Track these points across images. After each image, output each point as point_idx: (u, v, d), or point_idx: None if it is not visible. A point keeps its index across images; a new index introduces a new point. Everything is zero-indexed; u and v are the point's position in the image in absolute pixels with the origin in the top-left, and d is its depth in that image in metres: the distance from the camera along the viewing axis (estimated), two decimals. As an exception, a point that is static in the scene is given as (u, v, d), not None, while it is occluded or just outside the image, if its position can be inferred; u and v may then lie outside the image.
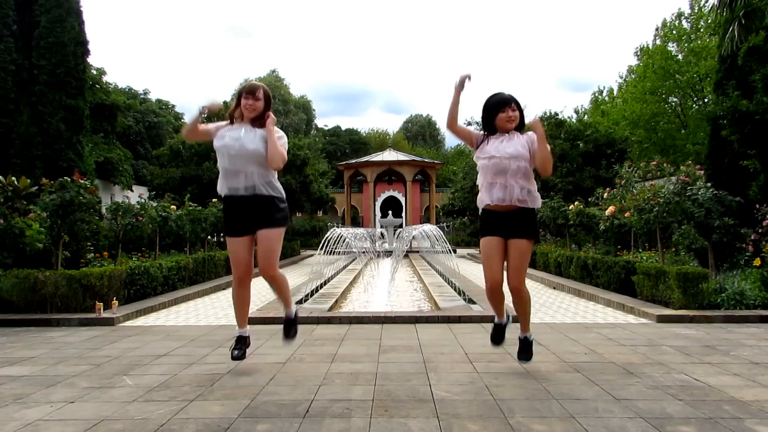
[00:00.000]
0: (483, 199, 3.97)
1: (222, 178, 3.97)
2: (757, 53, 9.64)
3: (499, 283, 3.95)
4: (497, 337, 4.27)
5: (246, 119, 3.96)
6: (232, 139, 3.88)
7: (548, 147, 3.90)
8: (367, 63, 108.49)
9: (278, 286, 4.14)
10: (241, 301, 4.14)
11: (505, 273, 3.95)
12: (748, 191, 9.41)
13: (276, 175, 4.06)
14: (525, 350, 4.07)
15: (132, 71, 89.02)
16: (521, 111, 3.98)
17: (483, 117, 4.02)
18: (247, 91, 3.93)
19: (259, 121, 3.95)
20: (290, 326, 4.27)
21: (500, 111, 3.92)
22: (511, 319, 4.28)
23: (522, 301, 3.99)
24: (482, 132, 4.07)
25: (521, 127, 3.99)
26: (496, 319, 4.28)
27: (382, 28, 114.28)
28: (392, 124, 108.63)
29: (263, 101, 3.95)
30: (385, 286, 9.73)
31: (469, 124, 31.57)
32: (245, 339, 4.16)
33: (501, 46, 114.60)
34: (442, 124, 68.82)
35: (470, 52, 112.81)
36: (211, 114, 4.03)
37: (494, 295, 4.03)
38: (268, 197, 3.93)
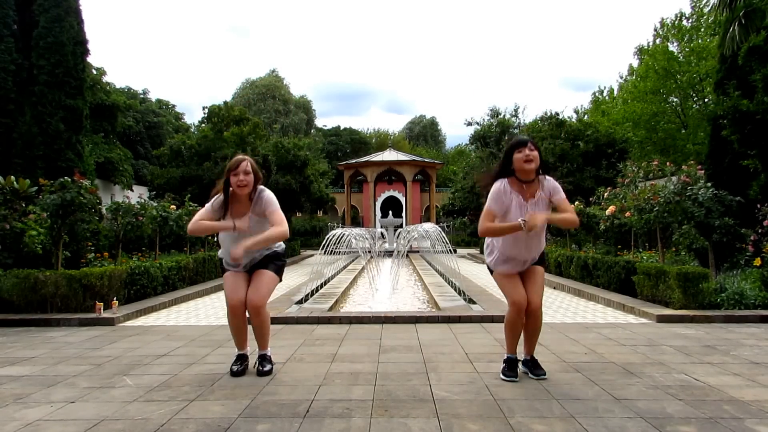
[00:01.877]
0: (502, 269, 3.87)
1: (225, 253, 4.09)
2: (757, 53, 9.64)
3: (525, 303, 3.79)
4: (513, 372, 3.92)
5: (240, 197, 3.97)
6: (237, 239, 3.91)
7: (566, 217, 3.72)
8: (369, 63, 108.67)
9: (261, 322, 4.04)
10: (238, 330, 4.12)
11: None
12: (748, 191, 9.40)
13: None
14: (537, 366, 3.95)
15: (132, 71, 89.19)
16: (539, 150, 3.76)
17: (502, 163, 3.80)
18: (234, 168, 3.91)
19: (251, 196, 3.98)
20: (264, 363, 4.11)
21: (516, 151, 3.69)
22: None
23: (538, 322, 3.89)
24: (503, 188, 3.74)
25: (541, 170, 3.77)
26: (508, 354, 3.95)
27: (384, 28, 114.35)
28: (393, 124, 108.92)
29: (252, 174, 3.94)
30: (387, 286, 9.73)
31: (470, 124, 31.57)
32: (247, 357, 4.18)
33: (503, 46, 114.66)
34: (443, 124, 68.74)
35: (473, 51, 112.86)
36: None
37: (519, 317, 3.81)
38: (270, 254, 4.11)
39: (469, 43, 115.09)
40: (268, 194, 4.01)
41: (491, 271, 4.01)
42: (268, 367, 4.09)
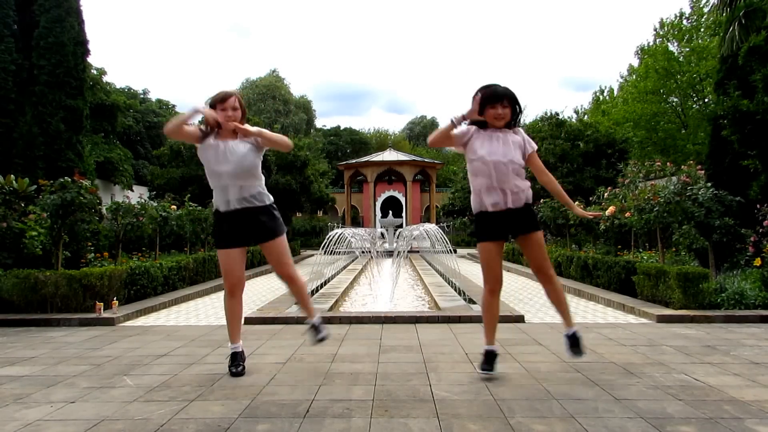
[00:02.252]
0: (477, 204, 3.87)
1: (217, 194, 3.94)
2: (757, 53, 9.64)
3: (500, 284, 3.86)
4: (488, 366, 3.90)
5: (224, 131, 3.87)
6: (224, 155, 3.82)
7: (558, 188, 3.99)
8: (370, 62, 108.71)
9: (299, 288, 4.08)
10: (233, 314, 4.05)
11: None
12: (748, 191, 9.40)
13: (264, 183, 4.04)
14: (576, 344, 3.91)
15: (132, 71, 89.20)
16: (515, 107, 3.80)
17: (478, 111, 3.81)
18: (221, 100, 3.84)
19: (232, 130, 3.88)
20: (317, 331, 4.11)
21: (490, 106, 3.75)
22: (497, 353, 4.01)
23: (557, 289, 3.89)
24: (469, 127, 3.87)
25: (513, 124, 3.85)
26: (486, 345, 3.95)
27: (385, 28, 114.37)
28: (394, 124, 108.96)
29: (239, 110, 3.87)
30: (387, 286, 9.73)
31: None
32: (240, 354, 4.10)
33: (504, 45, 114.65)
34: (443, 125, 68.82)
35: (473, 51, 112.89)
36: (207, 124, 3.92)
37: (493, 300, 3.89)
38: (261, 207, 3.93)
39: (469, 43, 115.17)
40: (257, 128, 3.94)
41: (477, 239, 3.93)
42: (323, 333, 4.06)
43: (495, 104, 3.74)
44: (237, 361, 4.06)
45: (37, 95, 10.45)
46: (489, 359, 3.92)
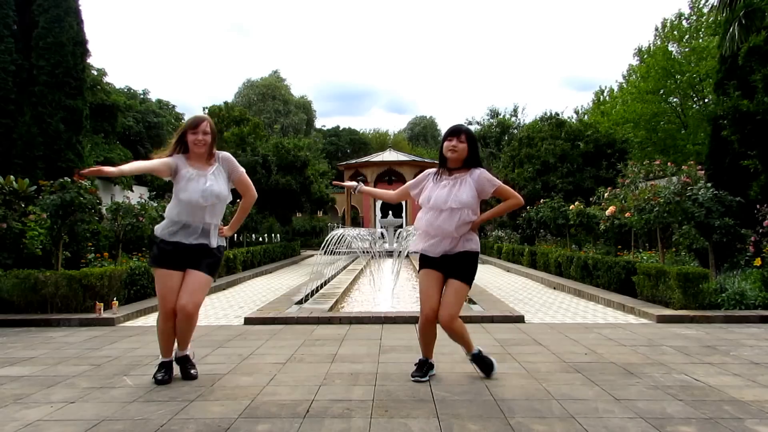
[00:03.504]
0: (421, 246, 3.84)
1: (170, 224, 3.83)
2: (757, 53, 9.65)
3: (434, 312, 3.75)
4: (418, 372, 3.89)
5: (197, 156, 3.83)
6: (200, 190, 3.72)
7: (503, 207, 3.97)
8: (371, 62, 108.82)
9: (190, 327, 3.90)
10: (168, 335, 3.90)
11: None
12: (748, 191, 9.41)
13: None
14: (484, 363, 3.91)
15: (132, 71, 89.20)
16: (473, 145, 3.80)
17: (440, 148, 3.92)
18: (193, 126, 3.79)
19: (207, 157, 3.85)
20: (184, 363, 3.98)
21: (446, 139, 3.81)
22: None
23: (455, 335, 3.85)
24: (427, 173, 3.95)
25: (471, 163, 3.80)
26: (421, 356, 3.97)
27: (386, 27, 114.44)
28: (395, 124, 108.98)
29: (210, 134, 3.81)
30: (387, 286, 9.73)
31: (470, 123, 31.58)
32: (171, 364, 3.96)
33: (505, 45, 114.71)
34: (443, 124, 68.95)
35: (474, 51, 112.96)
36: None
37: (427, 327, 3.83)
38: (211, 248, 3.87)
39: (470, 42, 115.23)
40: (229, 155, 3.94)
41: (418, 269, 3.94)
42: (194, 371, 3.96)
43: (451, 137, 3.80)
44: (165, 369, 3.90)
45: (37, 95, 10.45)
46: (420, 367, 3.93)
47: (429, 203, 3.76)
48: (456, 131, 3.81)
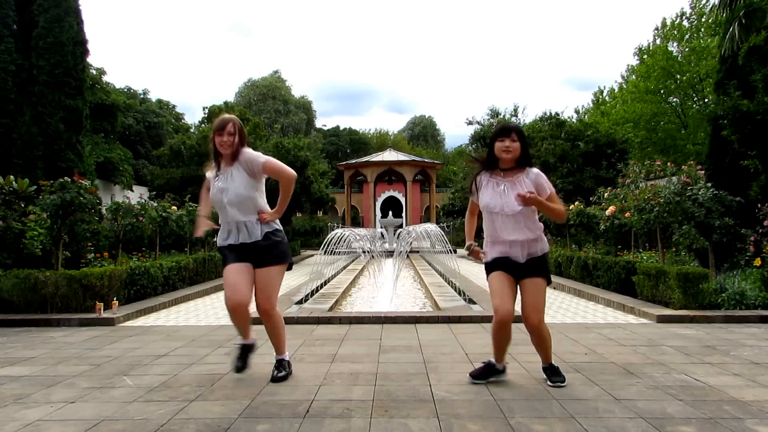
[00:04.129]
0: (489, 254, 3.74)
1: (221, 231, 3.93)
2: (757, 53, 9.64)
3: (510, 315, 3.61)
4: (483, 375, 3.84)
5: (225, 157, 3.86)
6: (219, 191, 3.81)
7: (553, 206, 3.67)
8: (371, 62, 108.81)
9: (273, 325, 3.93)
10: (242, 322, 3.90)
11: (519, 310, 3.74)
12: (748, 191, 9.40)
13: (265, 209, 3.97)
14: (556, 373, 3.78)
15: (132, 71, 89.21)
16: (524, 143, 3.71)
17: (488, 150, 3.79)
18: (218, 128, 3.82)
19: (237, 156, 3.86)
20: (280, 368, 3.97)
21: (497, 140, 3.68)
22: (505, 370, 3.91)
23: (541, 338, 3.73)
24: (478, 173, 3.82)
25: (524, 162, 3.71)
26: (492, 360, 3.85)
27: (387, 27, 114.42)
28: (395, 124, 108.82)
29: (236, 135, 3.83)
30: (388, 286, 9.73)
31: (471, 123, 31.56)
32: (250, 347, 3.97)
33: (506, 45, 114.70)
34: (446, 124, 68.79)
35: (475, 51, 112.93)
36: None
37: (501, 329, 3.69)
38: (267, 241, 3.85)
39: (470, 42, 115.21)
40: (247, 150, 3.88)
41: (487, 274, 3.84)
42: (282, 373, 3.92)
43: (502, 137, 3.68)
44: (243, 353, 3.93)
45: (37, 95, 10.45)
46: (489, 370, 3.85)
47: (489, 208, 3.64)
48: (507, 130, 3.69)
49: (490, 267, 3.77)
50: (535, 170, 3.74)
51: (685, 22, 27.10)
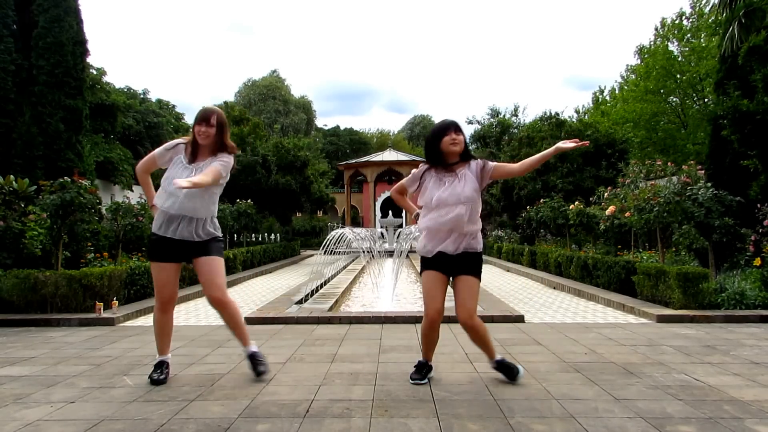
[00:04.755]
0: (426, 247, 3.75)
1: (163, 219, 3.78)
2: (757, 53, 9.64)
3: (439, 313, 3.70)
4: (418, 375, 3.84)
5: (201, 149, 3.80)
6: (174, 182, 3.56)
7: (508, 167, 3.82)
8: (372, 61, 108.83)
9: (232, 314, 3.88)
10: (163, 330, 3.92)
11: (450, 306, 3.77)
12: (748, 191, 9.40)
13: (216, 213, 3.93)
14: (507, 366, 3.82)
15: (132, 71, 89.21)
16: (464, 137, 3.77)
17: (427, 146, 3.82)
18: (201, 118, 3.76)
19: (212, 149, 3.81)
20: (256, 363, 3.94)
21: (444, 135, 3.71)
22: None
23: (477, 334, 3.76)
24: (422, 169, 3.85)
25: (467, 155, 3.77)
26: (421, 358, 3.94)
27: (387, 26, 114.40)
28: (395, 124, 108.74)
29: (216, 128, 3.77)
30: (388, 286, 9.73)
31: (471, 122, 31.55)
32: (167, 363, 3.97)
33: (507, 44, 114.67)
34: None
35: (475, 50, 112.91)
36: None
37: (430, 329, 3.76)
38: (206, 241, 3.81)
39: (471, 41, 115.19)
40: (227, 158, 3.82)
41: (420, 270, 3.87)
42: (264, 367, 3.93)
43: (448, 132, 3.72)
44: (161, 369, 3.91)
45: (37, 95, 10.45)
46: (418, 369, 3.89)
47: (433, 202, 3.68)
48: (453, 125, 3.75)
49: (425, 264, 3.80)
50: (475, 160, 3.80)
51: (685, 22, 27.09)
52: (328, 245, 9.98)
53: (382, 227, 24.88)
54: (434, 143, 3.77)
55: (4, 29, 10.35)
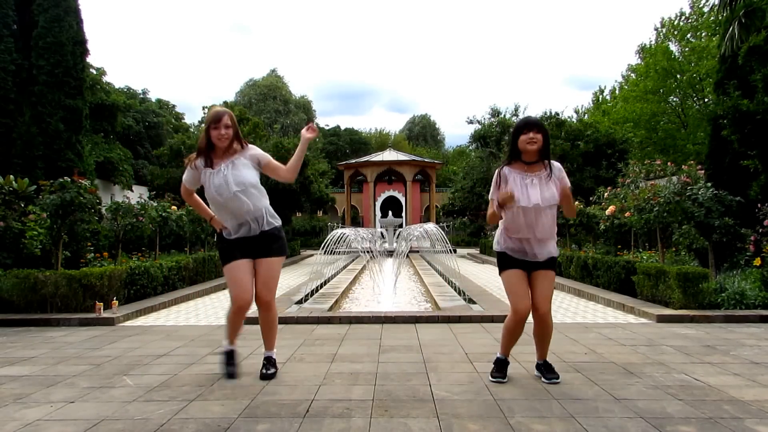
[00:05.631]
0: (505, 245, 3.78)
1: (229, 224, 3.86)
2: (757, 53, 9.64)
3: (528, 311, 3.74)
4: (500, 374, 3.90)
5: (218, 150, 3.83)
6: (224, 182, 3.74)
7: (572, 201, 3.78)
8: (372, 61, 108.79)
9: (271, 319, 3.96)
10: (236, 325, 3.93)
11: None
12: (748, 191, 9.40)
13: (268, 202, 3.97)
14: (551, 370, 3.87)
15: (132, 71, 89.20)
16: (546, 136, 3.74)
17: (510, 141, 3.84)
18: (216, 120, 3.78)
19: (231, 149, 3.85)
20: (267, 365, 4.00)
21: (522, 132, 3.71)
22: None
23: (548, 328, 3.82)
24: (501, 169, 3.81)
25: (545, 155, 3.75)
26: (500, 354, 3.95)
27: (388, 26, 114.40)
28: (396, 123, 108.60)
29: (232, 127, 3.82)
30: (387, 286, 9.73)
31: (471, 122, 31.59)
32: (236, 353, 3.98)
33: (507, 44, 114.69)
34: (446, 123, 68.72)
35: (476, 49, 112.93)
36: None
37: (518, 326, 3.79)
38: (269, 231, 3.87)
39: (471, 41, 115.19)
40: (257, 147, 3.96)
41: (500, 270, 3.88)
42: (272, 371, 3.97)
43: (527, 130, 3.70)
44: (232, 359, 3.93)
45: (36, 95, 10.45)
46: (500, 367, 3.92)
47: (521, 202, 3.62)
48: (532, 123, 3.74)
49: (505, 263, 3.80)
50: (557, 164, 3.80)
51: (685, 22, 27.09)
52: (328, 245, 9.98)
53: (382, 227, 24.87)
54: (514, 140, 3.78)
55: (4, 29, 10.35)
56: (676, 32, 27.22)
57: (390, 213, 26.52)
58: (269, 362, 4.04)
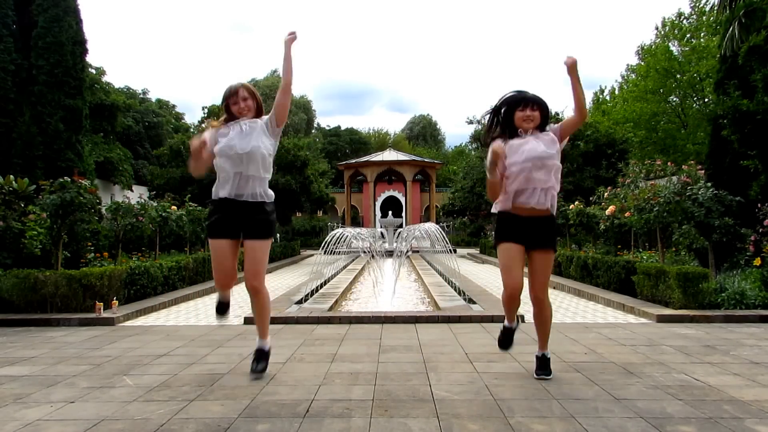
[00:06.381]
0: (503, 204, 3.72)
1: (220, 181, 3.80)
2: (757, 53, 9.63)
3: (519, 290, 3.75)
4: (507, 342, 4.05)
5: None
6: (239, 137, 3.71)
7: (581, 93, 3.67)
8: (372, 61, 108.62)
9: (262, 304, 3.87)
10: (227, 291, 4.05)
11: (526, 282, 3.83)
12: (748, 191, 9.40)
13: (268, 179, 3.93)
14: (544, 367, 3.89)
15: (132, 71, 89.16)
16: (544, 113, 3.70)
17: (494, 115, 3.74)
18: (233, 93, 3.76)
19: (256, 116, 3.86)
20: (260, 358, 3.89)
21: (517, 109, 3.66)
22: (519, 323, 4.08)
23: (545, 311, 3.85)
24: (499, 138, 3.72)
25: (543, 127, 3.71)
26: (506, 323, 4.05)
27: (388, 25, 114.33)
28: (396, 123, 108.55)
29: (250, 99, 3.81)
30: (388, 286, 9.73)
31: (471, 122, 31.55)
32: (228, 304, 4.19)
33: (508, 43, 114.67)
34: (446, 123, 68.61)
35: (476, 49, 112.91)
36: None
37: (512, 300, 3.83)
38: (260, 204, 3.81)
39: (471, 41, 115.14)
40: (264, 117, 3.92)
41: (496, 240, 3.82)
42: (261, 366, 3.84)
43: (524, 108, 3.66)
44: (224, 307, 4.12)
45: (36, 95, 10.45)
46: (508, 336, 4.05)
47: (523, 157, 3.54)
48: (529, 99, 3.65)
49: (503, 232, 3.75)
50: (551, 125, 3.75)
51: (685, 22, 27.09)
52: (328, 245, 9.98)
53: (382, 227, 24.87)
54: (508, 114, 3.67)
55: (3, 29, 10.35)
56: (676, 32, 27.21)
57: (390, 213, 26.51)
58: (260, 356, 3.88)
